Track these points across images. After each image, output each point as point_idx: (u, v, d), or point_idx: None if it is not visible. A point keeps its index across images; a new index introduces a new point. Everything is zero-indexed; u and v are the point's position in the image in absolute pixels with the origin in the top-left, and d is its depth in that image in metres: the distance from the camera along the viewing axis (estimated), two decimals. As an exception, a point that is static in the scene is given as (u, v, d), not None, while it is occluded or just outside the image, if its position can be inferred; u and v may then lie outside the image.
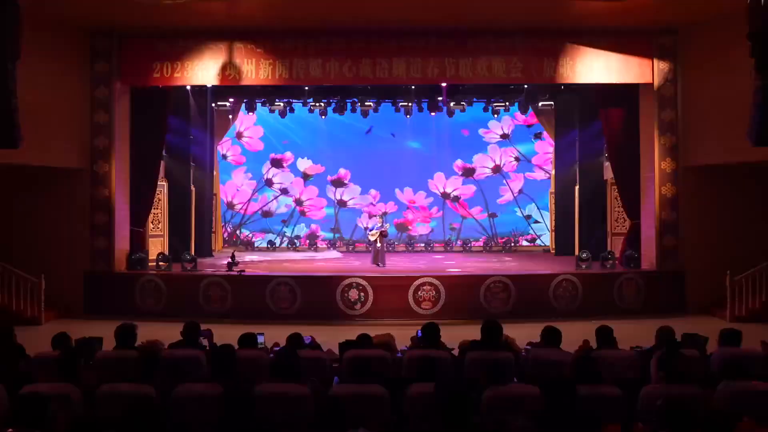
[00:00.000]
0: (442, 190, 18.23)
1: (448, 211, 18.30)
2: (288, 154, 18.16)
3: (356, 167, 18.10)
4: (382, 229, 13.73)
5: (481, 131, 17.99)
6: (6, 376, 4.51)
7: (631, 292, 11.58)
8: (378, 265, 13.39)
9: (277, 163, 18.20)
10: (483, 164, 18.16)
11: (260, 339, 6.27)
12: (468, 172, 18.18)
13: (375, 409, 4.21)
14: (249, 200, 18.22)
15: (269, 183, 18.25)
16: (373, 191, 18.15)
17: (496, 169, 18.14)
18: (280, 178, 18.22)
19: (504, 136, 18.07)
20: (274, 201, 18.26)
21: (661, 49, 11.89)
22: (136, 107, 12.45)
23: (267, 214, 18.30)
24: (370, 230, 14.19)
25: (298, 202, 18.26)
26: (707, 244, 11.62)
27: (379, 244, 13.59)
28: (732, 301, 10.89)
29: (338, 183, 18.24)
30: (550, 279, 11.46)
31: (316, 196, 18.27)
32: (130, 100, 12.36)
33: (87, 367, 5.07)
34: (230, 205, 18.19)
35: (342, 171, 18.16)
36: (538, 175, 18.13)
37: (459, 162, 18.12)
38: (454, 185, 18.21)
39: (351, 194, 18.27)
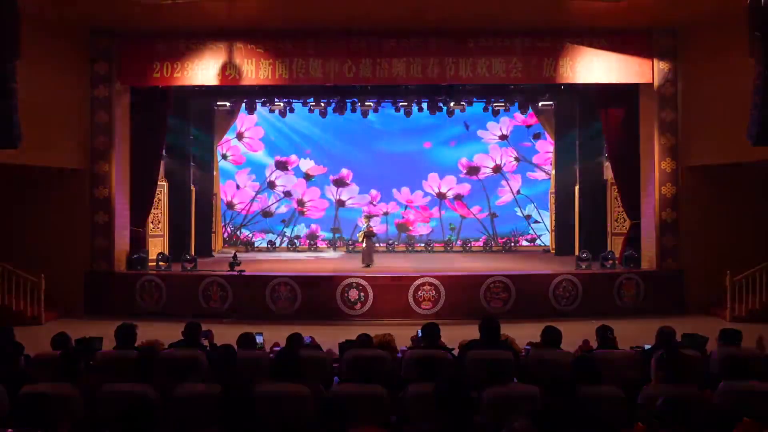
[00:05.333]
0: (437, 191, 18.21)
1: (448, 211, 18.29)
2: (293, 157, 18.12)
3: (356, 167, 18.09)
4: (367, 230, 13.79)
5: (479, 132, 17.97)
6: (6, 376, 4.51)
7: (630, 291, 11.57)
8: (367, 265, 13.35)
9: (282, 166, 18.18)
10: (484, 164, 18.16)
11: (259, 339, 6.27)
12: (472, 171, 18.17)
13: (375, 409, 4.20)
14: (251, 201, 18.18)
15: (272, 185, 18.22)
16: (373, 191, 18.15)
17: (497, 168, 18.14)
18: (283, 180, 18.19)
19: (503, 137, 18.06)
20: (275, 202, 18.24)
21: (661, 49, 11.88)
22: (136, 107, 12.44)
23: (267, 214, 18.28)
24: (359, 231, 14.28)
25: (300, 203, 18.25)
26: (707, 244, 11.62)
27: (365, 245, 13.61)
28: (732, 301, 10.88)
29: (340, 183, 18.24)
30: (550, 279, 11.45)
31: (318, 197, 18.26)
32: (129, 100, 12.35)
33: (87, 367, 5.06)
34: (230, 205, 18.16)
35: (344, 171, 18.16)
36: (538, 175, 18.13)
37: (464, 160, 18.12)
38: (449, 185, 18.19)
39: (350, 194, 18.27)
